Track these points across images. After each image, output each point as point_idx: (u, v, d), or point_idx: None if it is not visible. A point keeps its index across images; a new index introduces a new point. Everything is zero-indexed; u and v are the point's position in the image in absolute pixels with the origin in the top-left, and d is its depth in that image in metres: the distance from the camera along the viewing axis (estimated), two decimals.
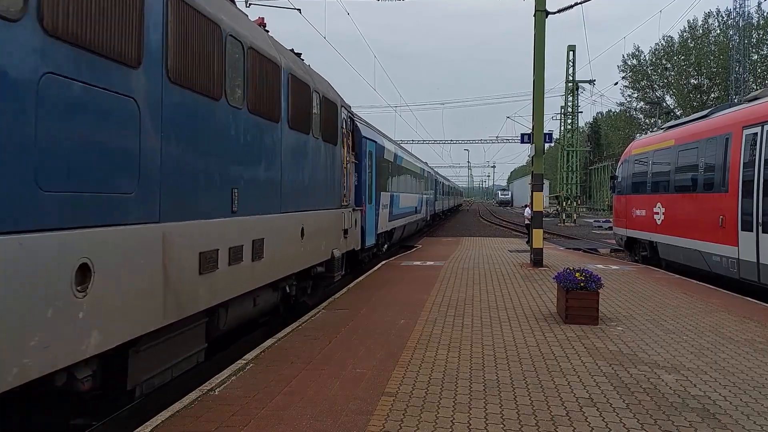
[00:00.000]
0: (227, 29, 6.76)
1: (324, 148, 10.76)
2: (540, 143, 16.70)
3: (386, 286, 12.66)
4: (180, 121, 5.77)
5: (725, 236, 12.64)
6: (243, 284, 7.19)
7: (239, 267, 6.98)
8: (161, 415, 5.17)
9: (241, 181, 7.10)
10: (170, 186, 5.53)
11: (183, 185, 5.80)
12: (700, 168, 14.21)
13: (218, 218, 6.50)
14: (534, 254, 16.48)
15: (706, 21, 66.74)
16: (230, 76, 6.84)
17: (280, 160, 8.48)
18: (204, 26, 6.20)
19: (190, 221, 5.87)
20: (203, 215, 6.17)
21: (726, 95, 58.58)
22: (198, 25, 6.06)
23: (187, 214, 5.84)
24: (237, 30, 7.09)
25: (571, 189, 54.99)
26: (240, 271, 7.03)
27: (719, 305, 10.65)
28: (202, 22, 6.17)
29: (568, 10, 16.84)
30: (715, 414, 5.26)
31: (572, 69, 50.89)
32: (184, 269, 5.72)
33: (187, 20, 5.84)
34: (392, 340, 7.82)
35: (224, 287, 6.63)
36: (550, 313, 9.72)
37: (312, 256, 10.09)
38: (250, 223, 7.36)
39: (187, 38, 5.83)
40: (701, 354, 7.28)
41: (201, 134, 6.19)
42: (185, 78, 5.82)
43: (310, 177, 9.87)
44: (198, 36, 6.07)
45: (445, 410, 5.29)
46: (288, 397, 5.61)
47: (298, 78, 9.42)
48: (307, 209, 9.71)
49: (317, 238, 10.31)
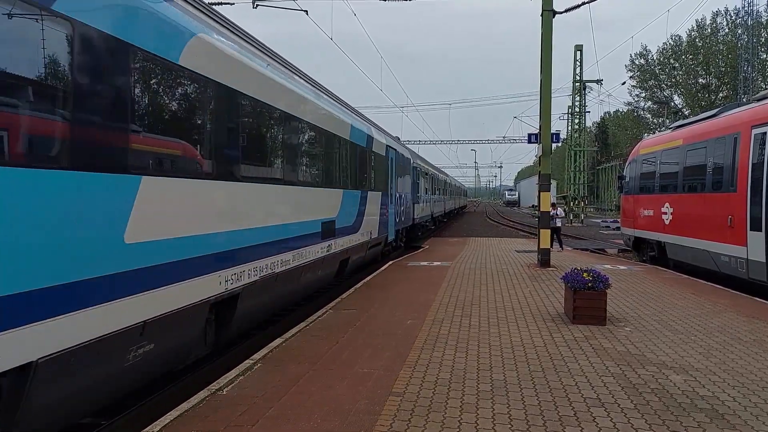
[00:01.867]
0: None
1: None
2: (547, 143, 16.65)
3: (393, 286, 12.67)
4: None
5: (734, 236, 12.58)
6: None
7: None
8: (170, 415, 5.20)
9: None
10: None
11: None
12: (708, 168, 14.14)
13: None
14: (541, 254, 16.44)
15: (714, 20, 66.38)
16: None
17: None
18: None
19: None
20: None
21: (734, 94, 58.25)
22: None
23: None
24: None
25: (578, 189, 54.82)
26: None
27: (728, 305, 10.60)
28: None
29: (575, 9, 16.79)
30: (724, 414, 5.24)
31: (579, 69, 50.76)
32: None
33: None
34: (399, 340, 7.83)
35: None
36: (557, 314, 9.70)
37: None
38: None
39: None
40: (710, 354, 7.25)
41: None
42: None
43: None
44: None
45: (453, 410, 5.29)
46: (296, 397, 5.63)
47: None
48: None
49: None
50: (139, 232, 5.22)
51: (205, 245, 6.45)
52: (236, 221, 7.29)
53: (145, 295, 5.31)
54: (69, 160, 4.41)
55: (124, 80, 5.11)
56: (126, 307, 5.02)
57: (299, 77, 10.91)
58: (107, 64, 4.87)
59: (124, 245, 5.03)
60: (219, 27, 7.45)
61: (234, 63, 7.34)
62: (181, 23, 6.10)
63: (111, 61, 4.92)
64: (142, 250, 5.27)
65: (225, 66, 7.05)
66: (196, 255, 6.25)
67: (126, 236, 5.06)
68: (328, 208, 11.43)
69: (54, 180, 4.27)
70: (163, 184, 5.68)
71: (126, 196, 5.10)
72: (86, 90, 4.63)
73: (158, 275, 5.52)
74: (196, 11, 6.83)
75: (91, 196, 4.67)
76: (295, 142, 9.78)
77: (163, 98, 6.02)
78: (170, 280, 5.73)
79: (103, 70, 4.83)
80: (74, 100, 4.48)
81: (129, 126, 5.19)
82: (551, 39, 16.38)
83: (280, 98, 8.90)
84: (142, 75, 5.50)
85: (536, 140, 17.61)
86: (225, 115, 7.11)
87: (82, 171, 4.54)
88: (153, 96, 5.76)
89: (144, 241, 5.31)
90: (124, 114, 5.13)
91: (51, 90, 4.36)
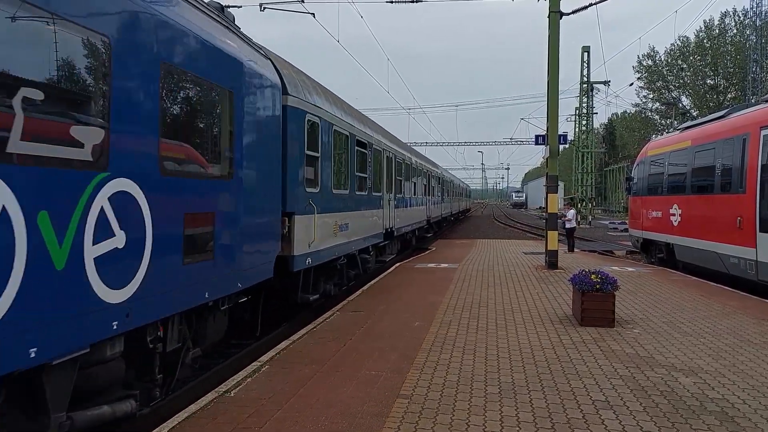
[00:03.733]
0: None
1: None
2: (555, 145, 16.61)
3: (401, 288, 12.66)
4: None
5: (743, 238, 12.50)
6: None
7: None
8: (178, 417, 5.22)
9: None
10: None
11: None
12: (717, 169, 14.07)
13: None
14: (549, 256, 16.40)
15: (722, 21, 66.03)
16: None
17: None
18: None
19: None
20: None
21: (743, 95, 57.92)
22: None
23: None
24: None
25: (586, 191, 54.64)
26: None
27: (737, 307, 10.53)
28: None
29: (582, 10, 16.76)
30: (734, 417, 5.21)
31: (587, 70, 50.68)
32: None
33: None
34: (407, 342, 7.82)
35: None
36: (565, 316, 9.66)
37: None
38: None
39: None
40: (719, 356, 7.21)
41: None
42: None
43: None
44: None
45: (461, 413, 5.28)
46: (303, 399, 5.63)
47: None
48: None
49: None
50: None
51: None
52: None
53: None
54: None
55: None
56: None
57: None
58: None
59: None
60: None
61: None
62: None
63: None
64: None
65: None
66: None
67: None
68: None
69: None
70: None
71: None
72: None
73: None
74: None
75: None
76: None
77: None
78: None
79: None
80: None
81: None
82: (558, 40, 16.35)
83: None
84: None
85: (543, 142, 17.58)
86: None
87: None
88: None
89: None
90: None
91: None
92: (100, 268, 4.43)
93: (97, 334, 4.49)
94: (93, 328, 4.44)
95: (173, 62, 5.57)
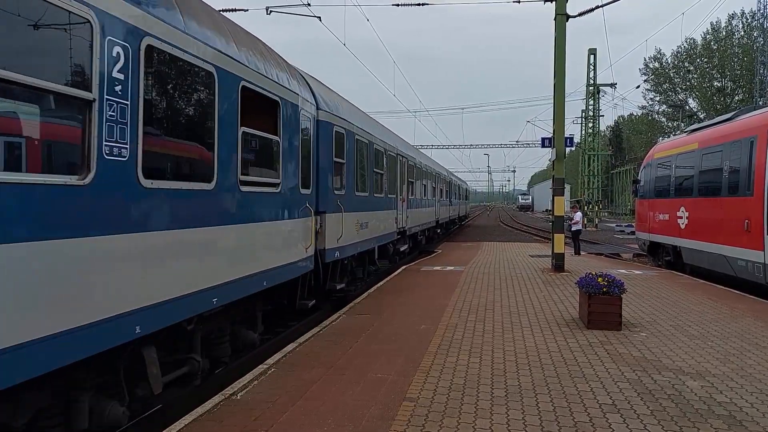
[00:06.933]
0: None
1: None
2: (561, 147, 16.59)
3: (407, 290, 12.65)
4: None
5: (751, 240, 12.44)
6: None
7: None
8: (184, 420, 5.23)
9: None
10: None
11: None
12: (724, 171, 14.01)
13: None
14: (555, 259, 16.36)
15: (729, 23, 65.90)
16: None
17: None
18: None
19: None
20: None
21: (750, 98, 57.66)
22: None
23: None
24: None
25: (592, 193, 54.49)
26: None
27: (745, 311, 10.48)
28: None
29: (588, 13, 16.74)
30: (742, 421, 5.18)
31: (593, 72, 50.51)
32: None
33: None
34: (413, 345, 7.82)
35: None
36: (572, 319, 9.64)
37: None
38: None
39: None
40: (727, 360, 7.17)
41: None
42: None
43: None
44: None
45: (467, 416, 5.27)
46: (309, 402, 5.64)
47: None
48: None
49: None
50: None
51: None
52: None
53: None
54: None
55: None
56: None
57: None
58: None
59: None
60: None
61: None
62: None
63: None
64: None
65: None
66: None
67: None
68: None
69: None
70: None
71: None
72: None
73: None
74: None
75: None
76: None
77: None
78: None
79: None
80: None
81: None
82: (565, 43, 16.34)
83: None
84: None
85: (550, 144, 17.54)
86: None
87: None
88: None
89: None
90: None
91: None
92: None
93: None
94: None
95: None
